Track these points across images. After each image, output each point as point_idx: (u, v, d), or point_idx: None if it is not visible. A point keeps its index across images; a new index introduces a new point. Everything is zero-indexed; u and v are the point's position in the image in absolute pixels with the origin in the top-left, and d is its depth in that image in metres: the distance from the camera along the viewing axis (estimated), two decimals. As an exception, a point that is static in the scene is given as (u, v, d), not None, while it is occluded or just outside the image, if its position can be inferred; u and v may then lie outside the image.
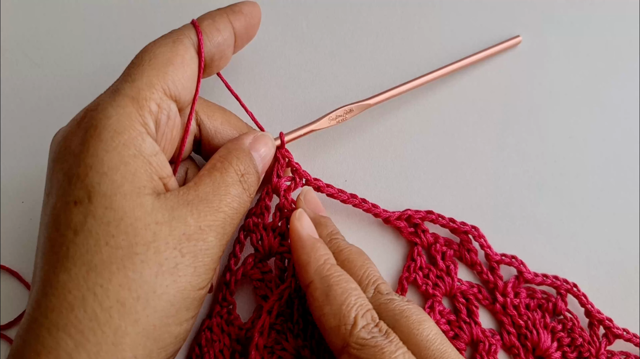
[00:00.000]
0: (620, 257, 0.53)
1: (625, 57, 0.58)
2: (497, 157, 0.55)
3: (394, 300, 0.42)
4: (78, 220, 0.35)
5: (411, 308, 0.42)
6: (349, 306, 0.41)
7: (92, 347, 0.33)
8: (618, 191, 0.55)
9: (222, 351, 0.48)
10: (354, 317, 0.40)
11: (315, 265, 0.43)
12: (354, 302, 0.41)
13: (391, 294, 0.43)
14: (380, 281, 0.44)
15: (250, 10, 0.46)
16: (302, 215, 0.46)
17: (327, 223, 0.48)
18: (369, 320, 0.40)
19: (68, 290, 0.34)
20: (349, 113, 0.51)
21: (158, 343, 0.36)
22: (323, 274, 0.43)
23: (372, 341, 0.39)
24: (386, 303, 0.42)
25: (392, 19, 0.58)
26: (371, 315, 0.41)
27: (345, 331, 0.40)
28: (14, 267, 0.51)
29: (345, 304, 0.41)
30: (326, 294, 0.42)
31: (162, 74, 0.39)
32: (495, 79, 0.57)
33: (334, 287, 0.42)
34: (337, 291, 0.41)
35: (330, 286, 0.42)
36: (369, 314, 0.41)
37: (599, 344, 0.50)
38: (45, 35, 0.56)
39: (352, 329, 0.40)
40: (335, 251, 0.45)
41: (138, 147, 0.37)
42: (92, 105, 0.38)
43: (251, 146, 0.44)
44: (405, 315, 0.41)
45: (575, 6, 0.59)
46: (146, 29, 0.56)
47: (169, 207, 0.37)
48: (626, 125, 0.57)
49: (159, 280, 0.35)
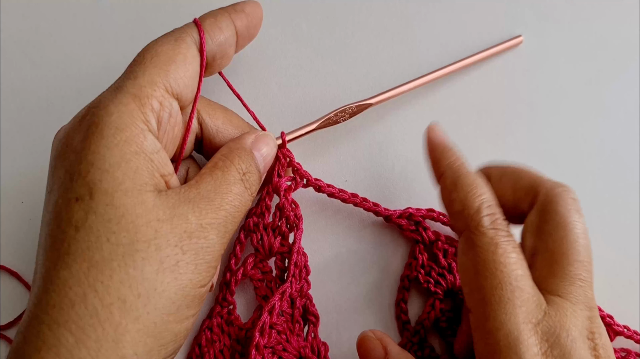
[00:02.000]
0: (620, 255, 0.53)
1: (625, 57, 0.58)
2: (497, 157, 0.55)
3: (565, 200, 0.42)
4: (79, 216, 0.34)
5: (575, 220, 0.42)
6: (475, 194, 0.42)
7: (92, 344, 0.33)
8: (618, 191, 0.55)
9: (222, 351, 0.48)
10: (479, 205, 0.41)
11: (447, 160, 0.45)
12: (480, 192, 0.42)
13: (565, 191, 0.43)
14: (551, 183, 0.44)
15: (252, 10, 0.46)
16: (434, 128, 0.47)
17: None
18: (494, 211, 0.41)
19: (69, 287, 0.34)
20: (350, 113, 0.51)
21: (159, 341, 0.36)
22: (455, 166, 0.44)
23: (491, 232, 0.40)
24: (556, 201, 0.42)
25: (392, 19, 0.58)
26: (497, 209, 0.42)
27: (467, 214, 0.41)
28: (14, 267, 0.51)
29: (472, 192, 0.42)
30: (455, 182, 0.43)
31: (164, 72, 0.39)
32: (496, 79, 0.57)
33: (462, 177, 0.43)
34: (465, 180, 0.43)
35: (460, 176, 0.43)
36: (494, 207, 0.42)
37: (600, 342, 0.50)
38: (45, 35, 0.56)
39: (475, 214, 0.41)
40: None
41: (140, 144, 0.37)
42: (94, 102, 0.38)
43: (253, 145, 0.44)
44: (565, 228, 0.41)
45: (575, 6, 0.59)
46: (146, 28, 0.56)
47: (170, 205, 0.37)
48: (626, 125, 0.57)
49: (160, 277, 0.35)
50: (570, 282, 0.40)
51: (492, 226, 0.40)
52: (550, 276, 0.40)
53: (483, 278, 0.39)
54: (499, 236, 0.40)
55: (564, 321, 0.38)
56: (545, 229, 0.42)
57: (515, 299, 0.38)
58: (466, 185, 0.43)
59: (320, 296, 0.51)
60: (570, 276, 0.40)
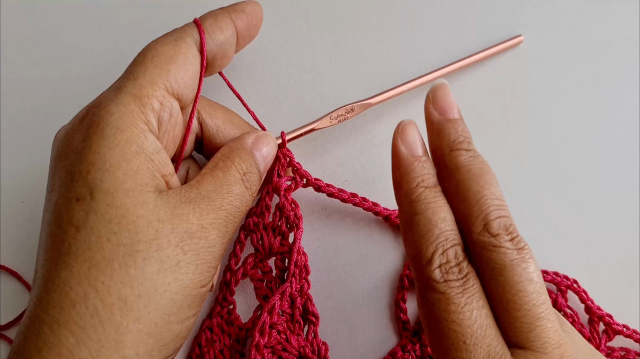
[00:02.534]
0: (620, 254, 0.54)
1: (625, 57, 0.58)
2: (497, 157, 0.55)
3: (500, 249, 0.36)
4: (80, 216, 0.34)
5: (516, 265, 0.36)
6: (428, 240, 0.37)
7: (93, 344, 0.33)
8: (618, 191, 0.55)
9: (222, 351, 0.48)
10: (432, 253, 0.36)
11: (406, 187, 0.39)
12: (435, 236, 0.37)
13: (502, 237, 0.36)
14: (494, 216, 0.37)
15: (253, 10, 0.46)
16: (406, 127, 0.41)
17: (450, 131, 0.40)
18: (450, 258, 0.36)
19: (70, 287, 0.34)
20: (350, 112, 0.51)
21: (159, 341, 0.36)
22: (411, 199, 0.38)
23: (441, 287, 0.36)
24: (489, 248, 0.36)
25: (392, 19, 0.58)
26: (455, 253, 0.37)
27: (419, 266, 0.37)
28: (14, 267, 0.51)
29: (426, 237, 0.37)
30: (410, 222, 0.38)
31: (164, 72, 0.39)
32: (496, 79, 0.57)
33: (417, 216, 0.38)
34: (420, 221, 0.37)
35: (414, 215, 0.38)
36: (451, 251, 0.37)
37: (599, 341, 0.50)
38: (45, 35, 0.56)
39: (426, 266, 0.36)
40: (452, 168, 0.39)
41: (140, 144, 0.37)
42: (95, 102, 0.38)
43: (253, 145, 0.44)
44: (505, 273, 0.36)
45: (575, 6, 0.59)
46: (146, 28, 0.56)
47: (171, 205, 0.37)
48: (626, 125, 0.57)
49: (161, 278, 0.35)
50: (529, 328, 0.35)
51: (444, 279, 0.36)
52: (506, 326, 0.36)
53: (435, 337, 0.36)
54: (451, 289, 0.36)
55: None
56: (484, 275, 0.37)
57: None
58: (421, 226, 0.37)
59: (320, 296, 0.51)
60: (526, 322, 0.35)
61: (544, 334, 0.35)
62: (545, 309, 0.35)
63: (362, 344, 0.50)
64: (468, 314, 0.35)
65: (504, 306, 0.35)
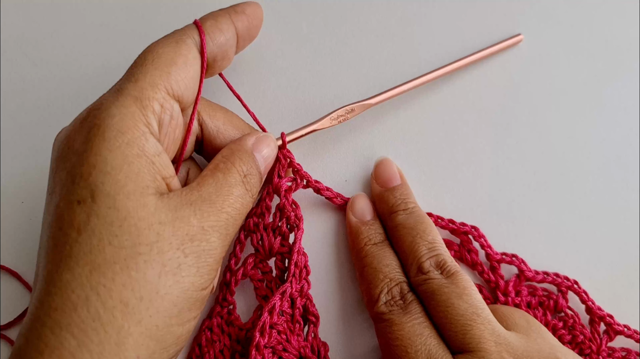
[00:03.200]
0: (620, 254, 0.54)
1: (625, 56, 0.58)
2: (497, 157, 0.55)
3: (429, 281, 0.44)
4: (81, 219, 0.34)
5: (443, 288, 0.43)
6: (374, 283, 0.45)
7: (95, 347, 0.33)
8: (618, 191, 0.55)
9: (222, 352, 0.48)
10: (378, 294, 0.45)
11: (356, 247, 0.49)
12: (381, 279, 0.45)
13: (432, 272, 0.45)
14: (425, 258, 0.45)
15: (253, 11, 0.46)
16: (355, 201, 0.51)
17: (388, 198, 0.50)
18: (395, 294, 0.45)
19: (71, 290, 0.34)
20: (350, 113, 0.51)
21: (161, 343, 0.36)
22: (360, 255, 0.48)
23: (387, 316, 0.44)
24: (422, 283, 0.44)
25: (392, 19, 0.58)
26: (399, 289, 0.45)
27: (371, 306, 0.45)
28: (14, 267, 0.51)
29: (373, 283, 0.46)
30: (361, 274, 0.48)
31: (165, 74, 0.39)
32: (496, 78, 0.57)
33: (365, 268, 0.47)
34: (368, 271, 0.47)
35: (364, 267, 0.47)
36: (395, 289, 0.45)
37: (600, 341, 0.50)
38: (45, 35, 0.56)
39: (375, 304, 0.45)
40: (392, 227, 0.49)
41: (141, 147, 0.37)
42: (95, 104, 0.38)
43: (254, 147, 0.44)
44: (435, 296, 0.43)
45: (575, 4, 0.59)
46: (146, 29, 0.56)
47: (172, 207, 0.37)
48: (626, 125, 0.57)
49: (162, 280, 0.35)
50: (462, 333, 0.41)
51: (389, 309, 0.44)
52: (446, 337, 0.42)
53: None
54: (393, 314, 0.43)
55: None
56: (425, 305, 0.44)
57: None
58: (369, 275, 0.46)
59: (320, 296, 0.51)
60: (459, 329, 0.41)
61: (477, 335, 0.41)
62: (479, 316, 0.42)
63: (362, 345, 0.50)
64: (408, 329, 0.42)
65: (440, 321, 0.42)
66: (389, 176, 0.52)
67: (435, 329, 0.43)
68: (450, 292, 0.43)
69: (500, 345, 0.41)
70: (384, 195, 0.50)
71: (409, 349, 0.41)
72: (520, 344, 0.41)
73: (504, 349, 0.40)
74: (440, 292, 0.43)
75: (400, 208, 0.49)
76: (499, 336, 0.41)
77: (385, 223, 0.50)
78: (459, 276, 0.44)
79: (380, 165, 0.52)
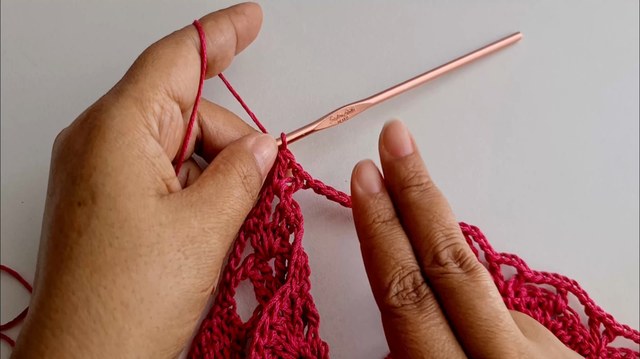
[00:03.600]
0: (620, 254, 0.54)
1: (625, 56, 0.58)
2: (497, 157, 0.55)
3: (448, 275, 0.39)
4: (82, 220, 0.34)
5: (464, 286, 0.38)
6: (385, 271, 0.39)
7: (95, 348, 0.33)
8: (618, 191, 0.55)
9: (222, 352, 0.48)
10: (389, 283, 0.39)
11: (363, 224, 0.42)
12: (392, 266, 0.39)
13: (450, 265, 0.39)
14: (442, 247, 0.39)
15: (252, 11, 0.46)
16: (361, 168, 0.44)
17: (399, 169, 0.43)
18: (407, 285, 0.39)
19: (72, 291, 0.34)
20: (350, 112, 0.51)
21: (161, 345, 0.36)
22: (368, 234, 0.41)
23: (399, 311, 0.38)
24: (440, 276, 0.39)
25: (391, 18, 0.58)
26: (412, 279, 0.39)
27: (379, 295, 0.40)
28: (14, 267, 0.51)
29: (383, 269, 0.40)
30: (368, 256, 0.41)
31: (165, 75, 0.39)
32: (496, 79, 0.57)
33: (374, 250, 0.41)
34: (377, 254, 0.40)
35: (372, 249, 0.41)
36: (408, 279, 0.39)
37: (599, 342, 0.50)
38: (45, 35, 0.56)
39: (385, 295, 0.39)
40: (404, 204, 0.42)
41: (142, 148, 0.37)
42: (96, 105, 0.38)
43: (254, 148, 0.44)
44: (455, 295, 0.38)
45: (574, 3, 0.59)
46: (146, 29, 0.56)
47: (172, 209, 0.37)
48: (626, 125, 0.57)
49: (163, 282, 0.35)
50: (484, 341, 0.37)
51: (401, 303, 0.38)
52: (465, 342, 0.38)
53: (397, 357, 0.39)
54: (407, 311, 0.38)
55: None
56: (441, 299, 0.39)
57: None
58: (378, 259, 0.40)
59: (320, 296, 0.51)
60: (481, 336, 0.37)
61: (500, 344, 0.36)
62: (502, 321, 0.37)
63: (362, 345, 0.50)
64: (424, 331, 0.37)
65: (459, 323, 0.38)
66: (400, 142, 0.43)
67: (452, 331, 0.38)
68: (471, 291, 0.38)
69: (522, 355, 0.37)
70: (395, 166, 0.43)
71: (425, 356, 0.37)
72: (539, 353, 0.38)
73: None
74: (461, 291, 0.38)
75: (413, 183, 0.42)
76: (520, 345, 0.37)
77: (396, 198, 0.43)
78: (480, 273, 0.39)
79: (390, 128, 0.44)
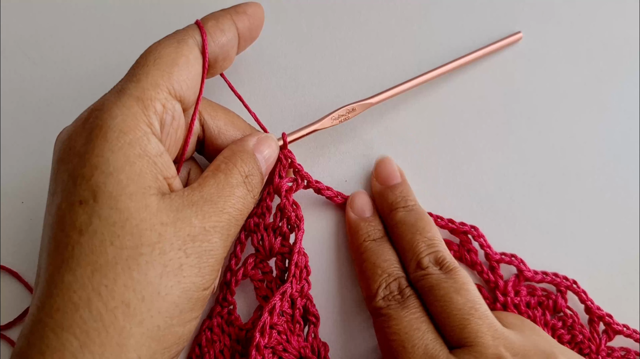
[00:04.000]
0: (620, 254, 0.54)
1: (625, 55, 0.58)
2: (497, 157, 0.55)
3: (428, 276, 0.45)
4: (83, 220, 0.34)
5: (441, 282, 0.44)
6: (373, 279, 0.46)
7: (96, 348, 0.33)
8: (618, 191, 0.55)
9: (222, 352, 0.48)
10: (376, 289, 0.45)
11: (355, 243, 0.49)
12: (379, 274, 0.46)
13: (430, 267, 0.45)
14: (425, 254, 0.46)
15: (254, 11, 0.46)
16: (355, 197, 0.51)
17: (388, 195, 0.50)
18: (393, 289, 0.45)
19: (73, 291, 0.34)
20: (351, 112, 0.51)
21: (162, 344, 0.36)
22: (360, 251, 0.48)
23: (385, 310, 0.44)
24: (421, 278, 0.45)
25: (391, 18, 0.58)
26: (397, 284, 0.45)
27: (369, 301, 0.46)
28: (14, 267, 0.51)
29: (372, 278, 0.46)
30: (360, 269, 0.48)
31: (167, 74, 0.39)
32: (496, 79, 0.57)
33: (364, 263, 0.47)
34: (367, 266, 0.47)
35: (362, 263, 0.48)
36: (394, 283, 0.45)
37: (599, 341, 0.50)
38: (45, 35, 0.56)
39: (373, 299, 0.45)
40: (393, 224, 0.49)
41: (143, 147, 0.37)
42: (97, 104, 0.38)
43: (255, 148, 0.44)
44: (433, 291, 0.44)
45: (574, 3, 0.59)
46: (148, 29, 0.56)
47: (173, 208, 0.37)
48: (626, 125, 0.57)
49: (164, 281, 0.35)
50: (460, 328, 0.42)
51: (386, 304, 0.44)
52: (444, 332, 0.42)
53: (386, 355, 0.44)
54: (391, 309, 0.44)
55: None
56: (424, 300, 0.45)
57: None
58: (368, 270, 0.47)
59: (320, 296, 0.51)
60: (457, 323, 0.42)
61: (475, 329, 0.41)
62: (477, 311, 0.42)
63: (363, 345, 0.50)
64: (405, 324, 0.43)
65: (438, 316, 0.43)
66: (389, 174, 0.52)
67: (433, 324, 0.43)
68: (448, 287, 0.43)
69: (497, 339, 0.41)
70: (384, 193, 0.51)
71: (406, 344, 0.42)
72: (517, 339, 0.42)
73: (501, 344, 0.41)
74: (438, 287, 0.44)
75: (400, 205, 0.50)
76: (496, 330, 0.42)
77: (385, 220, 0.50)
78: (457, 272, 0.45)
79: (380, 163, 0.53)
